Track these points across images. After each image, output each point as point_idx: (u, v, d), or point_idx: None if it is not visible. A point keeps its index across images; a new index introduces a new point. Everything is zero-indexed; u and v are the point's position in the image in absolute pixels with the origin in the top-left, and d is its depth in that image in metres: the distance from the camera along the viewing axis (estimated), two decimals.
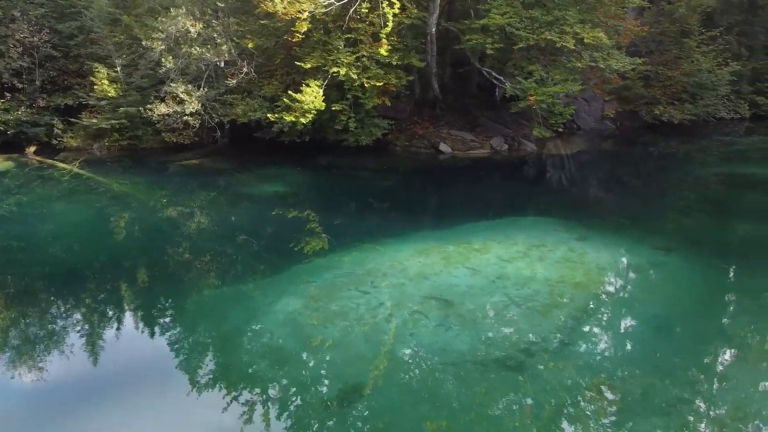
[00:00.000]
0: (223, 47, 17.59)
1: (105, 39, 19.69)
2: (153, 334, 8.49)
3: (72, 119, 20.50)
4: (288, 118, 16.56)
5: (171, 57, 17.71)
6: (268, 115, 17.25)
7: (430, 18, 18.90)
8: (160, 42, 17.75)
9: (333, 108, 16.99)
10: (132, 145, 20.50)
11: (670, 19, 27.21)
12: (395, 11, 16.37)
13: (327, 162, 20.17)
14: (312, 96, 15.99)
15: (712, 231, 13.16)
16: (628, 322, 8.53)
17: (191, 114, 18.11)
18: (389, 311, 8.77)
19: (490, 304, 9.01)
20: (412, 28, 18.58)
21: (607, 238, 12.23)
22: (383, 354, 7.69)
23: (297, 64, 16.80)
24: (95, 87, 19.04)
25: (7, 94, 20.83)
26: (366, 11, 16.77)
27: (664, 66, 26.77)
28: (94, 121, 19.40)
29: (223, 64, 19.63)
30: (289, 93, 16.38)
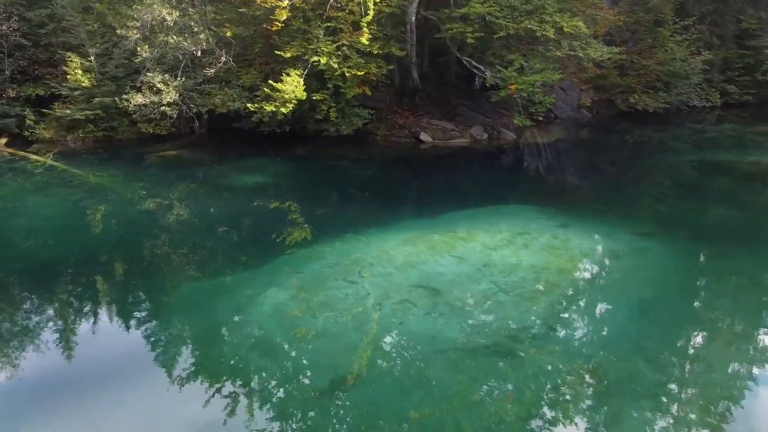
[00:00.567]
0: (201, 36, 17.27)
1: (77, 27, 19.15)
2: (138, 328, 8.32)
3: (44, 110, 19.94)
4: (268, 107, 16.37)
5: (147, 46, 17.32)
6: (247, 105, 17.03)
7: (409, 7, 18.84)
8: (135, 31, 17.34)
9: (314, 98, 16.87)
10: (107, 137, 20.05)
11: (644, 9, 27.62)
12: (376, 0, 16.28)
13: (307, 152, 20.03)
14: (292, 85, 15.83)
15: (687, 216, 13.47)
16: (612, 306, 8.70)
17: (168, 104, 17.78)
18: (377, 300, 8.79)
19: (477, 291, 9.10)
20: (391, 16, 18.49)
21: (589, 224, 12.44)
22: (373, 343, 7.72)
23: (277, 53, 16.60)
24: (68, 77, 18.53)
25: None
26: (346, 0, 16.65)
27: (638, 55, 27.18)
28: (67, 112, 18.89)
29: (200, 53, 19.28)
30: (270, 82, 16.19)
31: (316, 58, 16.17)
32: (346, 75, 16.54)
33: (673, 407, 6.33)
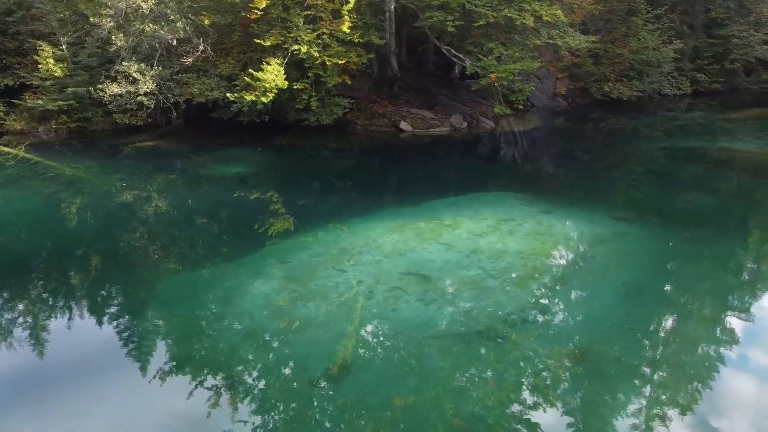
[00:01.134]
0: (178, 24, 16.90)
1: (48, 15, 18.55)
2: (124, 322, 8.18)
3: (14, 101, 19.32)
4: (248, 97, 16.17)
5: (121, 35, 16.89)
6: (227, 95, 16.79)
7: None
8: (108, 19, 16.88)
9: (295, 87, 16.71)
10: (81, 128, 19.54)
11: None
12: None
13: (287, 142, 19.88)
14: (273, 74, 15.65)
15: (662, 201, 13.80)
16: (599, 289, 8.90)
17: (145, 94, 17.38)
18: (369, 288, 8.83)
19: (467, 278, 9.21)
20: (370, 5, 18.41)
21: (570, 210, 12.67)
22: (367, 331, 7.78)
23: (256, 41, 16.38)
24: (40, 66, 17.97)
25: None
26: None
27: (612, 44, 27.58)
28: (39, 103, 18.33)
29: (175, 42, 18.90)
30: (250, 71, 15.98)
31: (296, 46, 16.01)
32: (326, 64, 16.44)
33: (665, 383, 6.56)
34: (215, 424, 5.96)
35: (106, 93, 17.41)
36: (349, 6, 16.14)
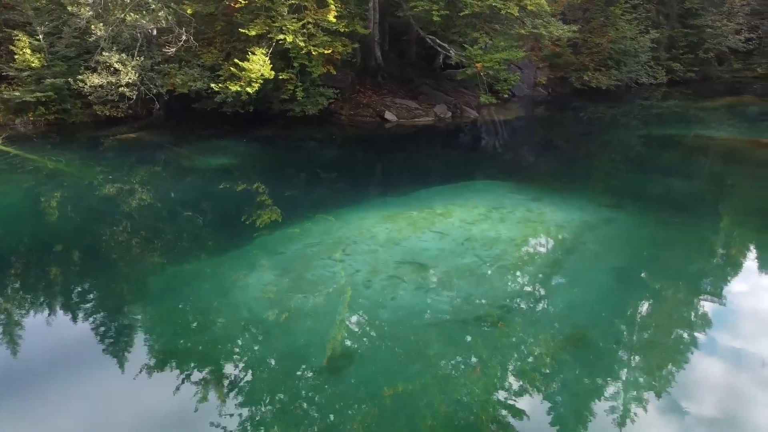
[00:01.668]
0: (160, 14, 16.57)
1: (23, 4, 18.01)
2: (123, 318, 8.07)
3: None
4: (233, 87, 15.99)
5: (101, 24, 16.49)
6: (211, 85, 16.56)
7: None
8: (87, 8, 16.46)
9: (280, 77, 16.56)
10: (60, 120, 19.08)
11: None
12: None
13: (272, 133, 19.73)
14: (259, 64, 15.49)
15: (644, 188, 14.11)
16: (592, 274, 9.09)
17: (127, 85, 17.04)
18: (367, 277, 8.88)
19: (462, 265, 9.32)
20: None
21: (558, 198, 12.85)
22: (367, 319, 7.84)
23: (241, 31, 16.17)
24: (16, 57, 17.47)
25: None
26: None
27: (591, 33, 27.92)
28: (16, 94, 17.84)
29: (156, 32, 18.55)
30: (236, 61, 15.79)
31: (281, 36, 15.86)
32: (312, 53, 16.32)
33: (660, 362, 6.77)
34: (218, 415, 5.95)
35: (86, 84, 17.02)
36: None
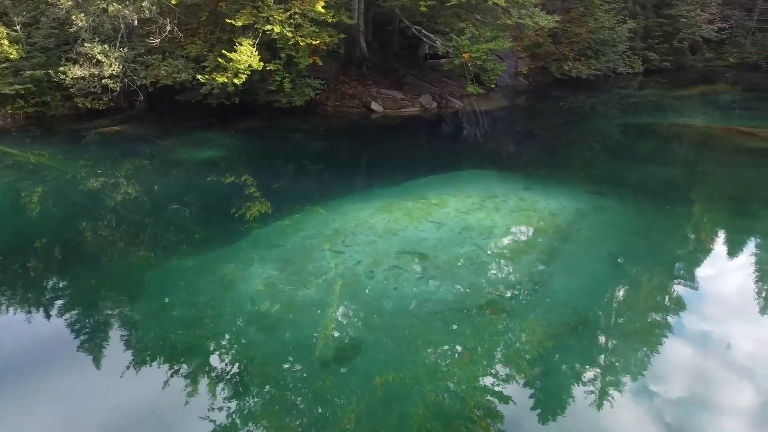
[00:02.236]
0: (144, 3, 16.20)
1: None
2: (125, 313, 7.99)
3: None
4: (220, 79, 15.79)
5: (82, 15, 16.08)
6: (197, 77, 16.32)
7: None
8: None
9: (268, 68, 16.40)
10: (39, 113, 18.58)
11: None
12: None
13: (257, 124, 19.56)
14: (246, 55, 15.32)
15: (630, 175, 14.44)
16: (588, 260, 9.32)
17: (110, 77, 16.67)
18: (368, 268, 8.96)
19: (461, 254, 9.47)
20: None
21: (548, 186, 13.06)
22: (372, 309, 7.90)
23: (227, 21, 15.95)
24: None
25: None
26: None
27: (570, 23, 28.22)
28: None
29: (136, 22, 18.17)
30: (223, 52, 15.58)
31: (269, 26, 15.70)
32: (300, 44, 16.19)
33: (662, 342, 7.02)
34: (230, 407, 5.99)
35: (67, 76, 16.60)
36: None
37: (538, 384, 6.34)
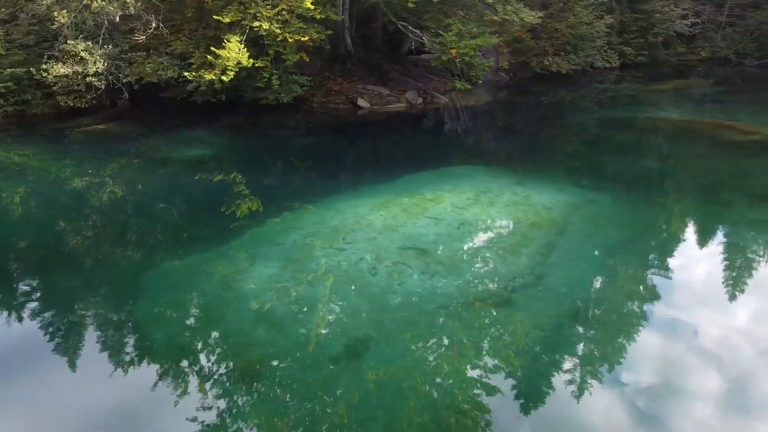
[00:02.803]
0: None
1: None
2: (130, 315, 7.91)
3: None
4: (208, 76, 15.66)
5: (64, 11, 15.73)
6: (184, 74, 16.14)
7: None
8: None
9: (256, 65, 16.31)
10: (19, 111, 18.13)
11: None
12: None
13: (244, 122, 19.44)
14: (235, 52, 15.21)
15: (617, 168, 14.78)
16: (585, 253, 9.57)
17: (95, 74, 16.36)
18: (371, 265, 9.04)
19: (462, 249, 9.64)
20: None
21: (539, 180, 13.31)
22: (378, 306, 7.97)
23: (215, 17, 15.80)
24: None
25: None
26: None
27: (550, 19, 28.62)
28: None
29: (118, 18, 17.84)
30: (212, 49, 15.43)
31: (257, 23, 15.60)
32: (288, 40, 16.13)
33: (659, 329, 7.28)
34: (243, 409, 5.99)
35: (50, 74, 16.23)
36: None
37: (555, 374, 6.51)
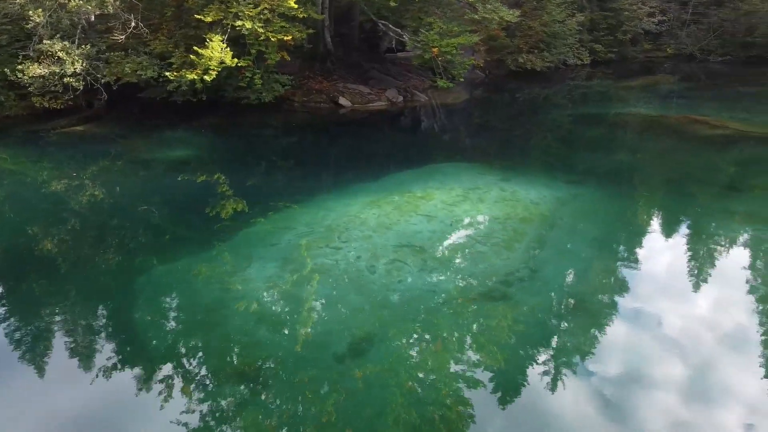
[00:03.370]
0: None
1: None
2: (129, 320, 7.76)
3: None
4: (190, 75, 15.48)
5: (40, 10, 15.31)
6: (166, 74, 15.92)
7: None
8: None
9: (238, 64, 16.19)
10: None
11: None
12: None
13: (225, 121, 19.25)
14: (218, 51, 15.08)
15: (598, 164, 15.19)
16: (575, 245, 9.87)
17: (73, 75, 15.98)
18: (369, 263, 9.13)
19: (457, 245, 9.83)
20: None
21: (524, 176, 13.59)
22: (379, 303, 8.07)
23: (196, 17, 15.62)
24: None
25: None
26: None
27: (524, 17, 29.06)
28: None
29: (93, 17, 17.49)
30: (195, 48, 15.25)
31: (239, 22, 15.49)
32: (271, 39, 16.05)
33: (648, 315, 7.57)
34: (253, 409, 6.00)
35: (26, 75, 15.79)
36: None
37: (559, 365, 6.72)
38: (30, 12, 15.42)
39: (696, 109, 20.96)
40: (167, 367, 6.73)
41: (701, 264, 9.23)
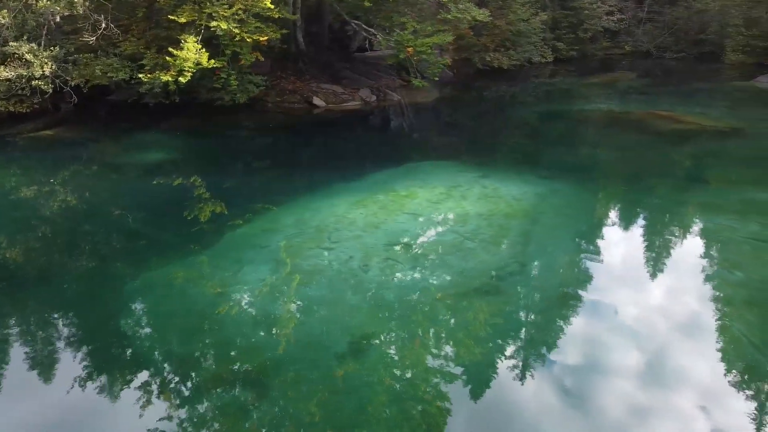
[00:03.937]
0: None
1: None
2: (121, 328, 7.60)
3: None
4: (164, 77, 15.24)
5: (5, 11, 14.80)
6: (139, 76, 15.62)
7: None
8: None
9: (213, 65, 16.02)
10: None
11: None
12: None
13: (198, 123, 19.01)
14: (193, 52, 14.89)
15: (571, 159, 15.66)
16: (561, 240, 10.21)
17: (41, 77, 15.51)
18: (362, 262, 9.24)
19: (446, 242, 10.04)
20: None
21: (503, 173, 13.92)
22: (375, 302, 8.19)
23: (169, 18, 15.37)
24: None
25: None
26: None
27: (491, 16, 29.60)
28: None
29: (58, 18, 16.98)
30: (170, 49, 15.02)
31: (214, 23, 15.33)
32: (246, 40, 15.95)
33: (635, 303, 7.92)
34: (255, 413, 5.99)
35: None
36: None
37: (565, 358, 6.97)
38: None
39: (656, 105, 21.77)
40: (161, 373, 6.65)
41: (659, 253, 9.71)
